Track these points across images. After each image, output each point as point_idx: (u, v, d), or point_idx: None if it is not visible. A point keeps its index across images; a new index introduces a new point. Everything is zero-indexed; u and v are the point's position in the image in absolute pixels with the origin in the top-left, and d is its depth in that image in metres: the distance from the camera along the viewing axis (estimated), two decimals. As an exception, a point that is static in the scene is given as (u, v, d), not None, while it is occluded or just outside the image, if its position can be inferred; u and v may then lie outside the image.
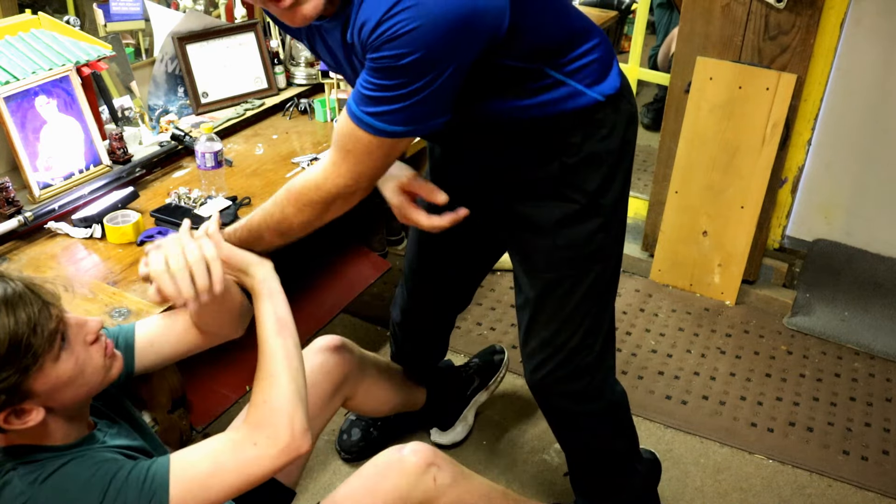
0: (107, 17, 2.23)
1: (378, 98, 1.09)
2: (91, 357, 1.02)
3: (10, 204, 1.76)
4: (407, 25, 1.00)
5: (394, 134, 1.12)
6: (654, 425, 2.09)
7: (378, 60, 1.05)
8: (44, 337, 0.93)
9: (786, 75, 2.25)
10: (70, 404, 1.01)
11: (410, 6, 1.00)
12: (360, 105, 1.12)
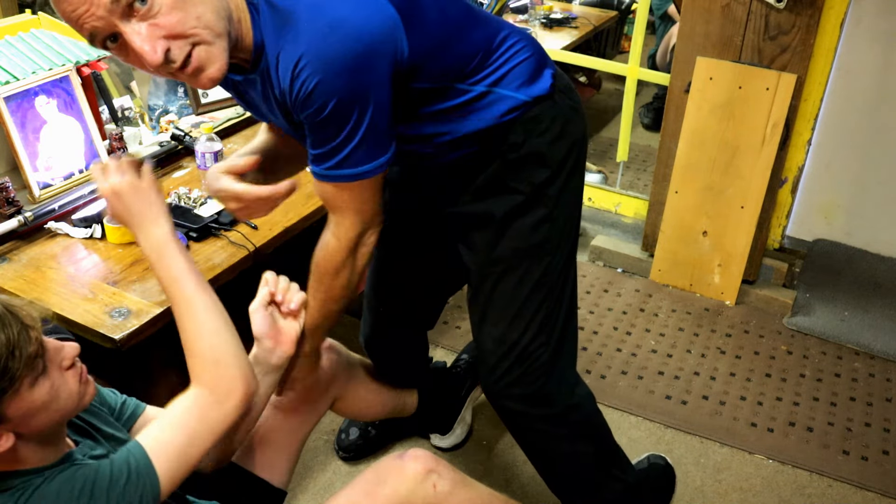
0: (107, 17, 2.23)
1: (330, 150, 1.14)
2: (66, 382, 0.99)
3: (10, 204, 1.76)
4: (311, 81, 1.06)
5: (364, 174, 1.17)
6: (654, 425, 2.09)
7: (307, 119, 1.11)
8: (22, 360, 0.90)
9: (786, 75, 2.25)
10: (42, 430, 0.98)
11: (305, 64, 1.06)
12: (320, 165, 1.17)
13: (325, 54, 1.05)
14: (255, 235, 1.84)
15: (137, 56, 1.03)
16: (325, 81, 1.06)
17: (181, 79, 1.08)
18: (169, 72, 1.05)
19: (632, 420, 2.10)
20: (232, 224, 1.86)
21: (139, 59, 1.04)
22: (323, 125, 1.11)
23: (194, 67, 1.04)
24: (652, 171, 2.68)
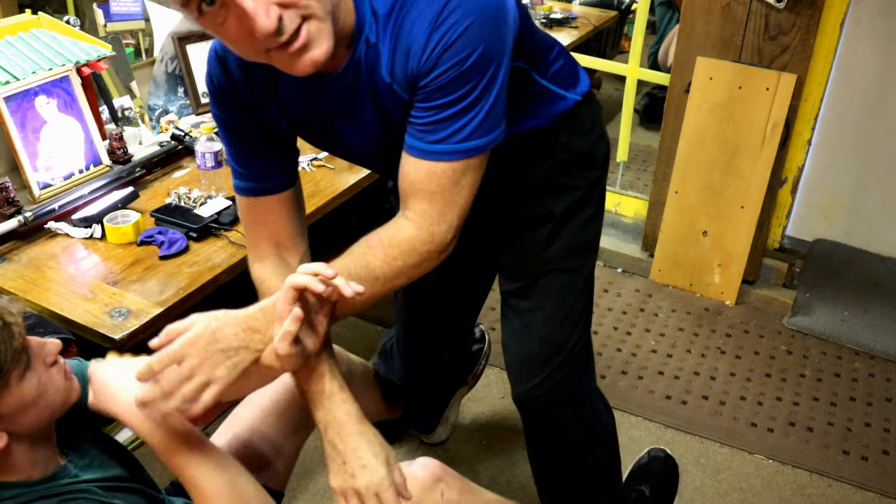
0: (107, 17, 2.23)
1: (447, 118, 1.03)
2: (52, 378, 1.00)
3: (10, 204, 1.76)
4: (459, 26, 0.98)
5: (479, 148, 1.06)
6: (654, 425, 2.09)
7: (440, 77, 1.01)
8: (8, 354, 0.92)
9: (786, 75, 2.25)
10: (33, 429, 0.98)
11: (455, 8, 0.98)
12: (425, 140, 1.05)
13: (474, 1, 0.98)
14: (255, 235, 1.83)
15: (239, 23, 0.92)
16: (474, 27, 0.98)
17: (277, 60, 0.96)
18: (268, 48, 0.94)
19: (632, 420, 2.10)
20: (232, 224, 1.86)
21: (240, 27, 0.92)
22: (457, 81, 1.01)
23: (302, 43, 0.93)
24: (652, 171, 2.68)
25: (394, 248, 1.10)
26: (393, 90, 1.06)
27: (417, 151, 1.06)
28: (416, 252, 1.10)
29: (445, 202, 1.08)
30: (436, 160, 1.06)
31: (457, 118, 1.03)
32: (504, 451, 2.00)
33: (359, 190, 2.12)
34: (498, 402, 2.14)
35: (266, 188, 1.21)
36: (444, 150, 1.05)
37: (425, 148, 1.05)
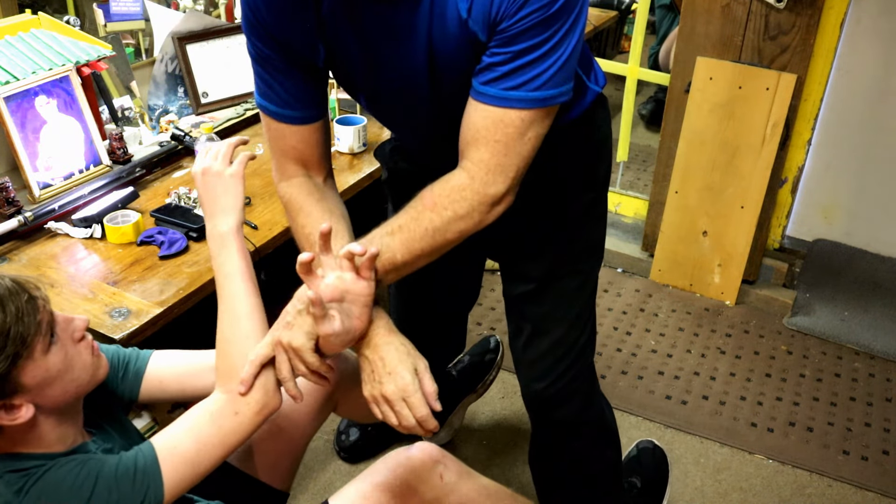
0: (107, 17, 2.23)
1: (526, 64, 0.98)
2: (79, 353, 1.03)
3: (10, 204, 1.76)
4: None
5: (552, 98, 1.01)
6: (654, 425, 2.09)
7: (525, 19, 0.96)
8: (32, 326, 0.95)
9: (786, 75, 2.25)
10: (60, 402, 1.02)
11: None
12: (499, 86, 1.00)
13: None
14: (255, 235, 1.84)
15: None
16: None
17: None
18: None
19: (632, 420, 2.10)
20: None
21: None
22: (541, 25, 0.96)
23: None
24: (652, 171, 2.68)
25: (444, 196, 1.06)
26: (467, 27, 1.00)
27: (488, 98, 1.02)
28: (466, 201, 1.06)
29: (507, 152, 1.03)
30: (507, 107, 1.01)
31: (535, 64, 0.99)
32: (504, 451, 2.00)
33: (359, 190, 2.12)
34: (498, 402, 2.14)
35: (297, 118, 1.20)
36: (517, 98, 1.00)
37: (498, 94, 1.01)
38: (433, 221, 1.07)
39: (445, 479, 1.26)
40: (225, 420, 1.07)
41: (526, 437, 2.03)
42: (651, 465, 1.88)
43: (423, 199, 1.09)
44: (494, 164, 1.04)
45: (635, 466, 1.86)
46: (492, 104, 1.02)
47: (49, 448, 1.02)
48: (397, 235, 1.09)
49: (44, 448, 1.01)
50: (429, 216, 1.07)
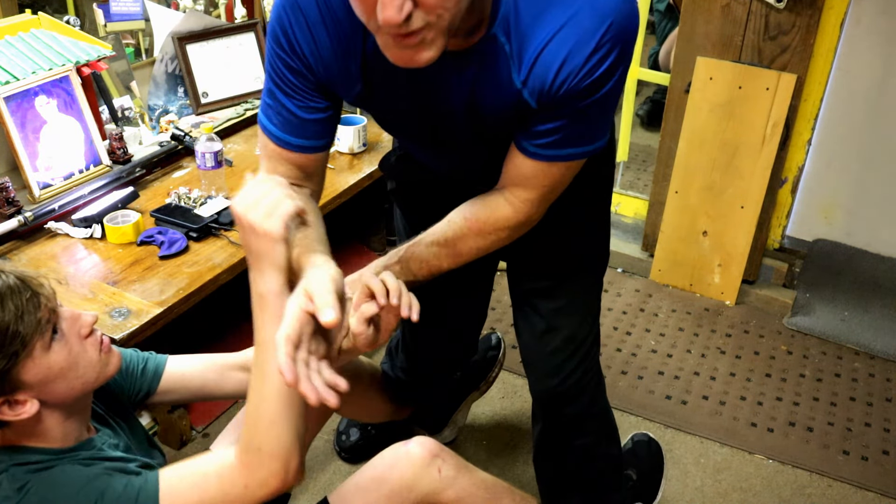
0: (107, 17, 2.23)
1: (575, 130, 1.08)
2: (85, 350, 1.02)
3: (10, 204, 1.76)
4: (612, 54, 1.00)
5: (593, 150, 1.12)
6: (654, 425, 2.09)
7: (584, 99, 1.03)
8: (31, 325, 0.95)
9: (786, 75, 2.25)
10: (65, 399, 1.01)
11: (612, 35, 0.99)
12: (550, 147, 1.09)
13: (627, 23, 1.00)
14: (255, 235, 1.83)
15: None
16: (622, 53, 1.01)
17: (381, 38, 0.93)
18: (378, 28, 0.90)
19: (632, 420, 2.10)
20: (232, 224, 1.86)
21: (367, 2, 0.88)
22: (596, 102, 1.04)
23: (414, 43, 0.91)
24: (652, 171, 2.68)
25: (489, 224, 1.18)
26: (520, 95, 1.05)
27: (538, 156, 1.11)
28: (508, 230, 1.19)
29: (550, 193, 1.16)
30: (554, 162, 1.11)
31: (587, 128, 1.08)
32: (504, 451, 2.00)
33: (359, 190, 2.12)
34: (498, 402, 2.14)
35: (298, 146, 1.16)
36: (567, 154, 1.10)
37: (548, 153, 1.10)
38: (477, 242, 1.20)
39: (444, 474, 1.27)
40: (232, 489, 1.03)
41: (526, 436, 2.03)
42: (646, 457, 1.89)
43: (469, 222, 1.19)
44: (538, 202, 1.16)
45: (630, 459, 1.87)
46: (541, 160, 1.11)
47: (54, 443, 1.01)
48: (444, 249, 1.21)
49: (49, 442, 1.01)
50: (474, 238, 1.20)
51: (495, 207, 1.18)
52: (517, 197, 1.16)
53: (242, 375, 1.28)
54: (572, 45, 0.99)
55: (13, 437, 1.00)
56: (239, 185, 2.08)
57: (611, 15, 0.98)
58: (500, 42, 1.02)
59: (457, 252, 1.21)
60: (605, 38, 0.99)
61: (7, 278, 0.96)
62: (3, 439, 1.00)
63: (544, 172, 1.13)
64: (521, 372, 2.21)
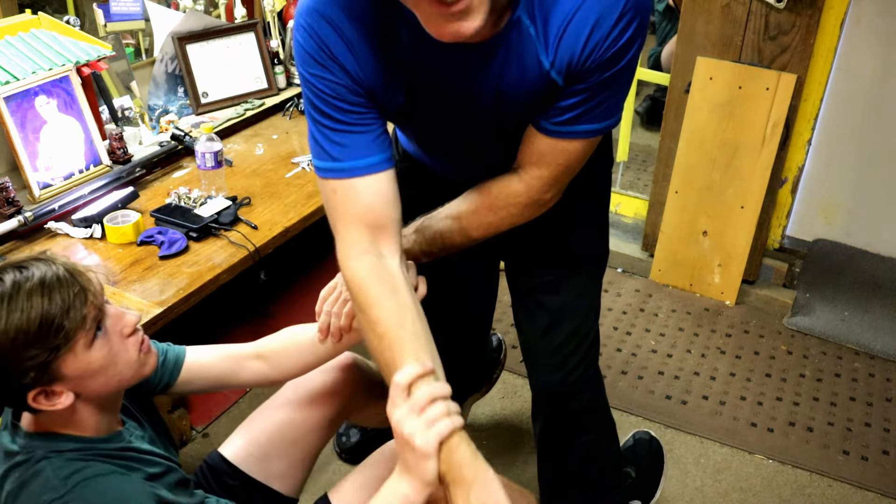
0: (107, 17, 2.23)
1: (599, 103, 1.08)
2: (126, 349, 1.03)
3: (10, 204, 1.76)
4: (634, 23, 1.01)
5: (610, 126, 1.12)
6: (654, 425, 2.09)
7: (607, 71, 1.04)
8: (76, 320, 0.95)
9: (786, 75, 2.25)
10: (100, 394, 1.02)
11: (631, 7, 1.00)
12: (568, 123, 1.09)
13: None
14: (255, 235, 1.84)
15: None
16: (641, 24, 1.02)
17: (423, 9, 0.90)
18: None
19: (632, 420, 2.10)
20: (232, 224, 1.86)
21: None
22: (617, 74, 1.05)
23: (461, 9, 0.88)
24: (652, 171, 2.68)
25: (501, 199, 1.18)
26: (548, 76, 1.06)
27: (557, 133, 1.10)
28: (520, 205, 1.19)
29: (565, 172, 1.15)
30: (573, 139, 1.11)
31: (604, 102, 1.08)
32: (504, 451, 2.00)
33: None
34: (498, 402, 2.14)
35: (374, 164, 1.09)
36: (584, 130, 1.10)
37: (566, 130, 1.10)
38: (488, 217, 1.21)
39: None
40: None
41: (526, 436, 2.03)
42: (647, 455, 1.89)
43: (482, 198, 1.20)
44: (552, 180, 1.16)
45: (630, 456, 1.87)
46: (559, 137, 1.11)
47: (87, 432, 1.02)
48: (456, 223, 1.23)
49: (82, 432, 1.02)
50: (485, 213, 1.21)
51: (508, 183, 1.18)
52: (530, 174, 1.16)
53: (258, 365, 1.29)
54: (597, 17, 1.00)
55: (47, 423, 1.01)
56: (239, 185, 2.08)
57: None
58: (525, 24, 1.02)
59: (468, 225, 1.22)
60: (627, 7, 1.00)
61: (57, 269, 0.97)
62: (38, 425, 1.01)
63: (560, 149, 1.12)
64: (521, 372, 2.21)
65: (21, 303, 0.93)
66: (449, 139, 1.27)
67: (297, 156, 2.21)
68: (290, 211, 1.95)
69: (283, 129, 2.39)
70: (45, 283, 0.94)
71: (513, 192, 1.18)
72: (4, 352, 0.92)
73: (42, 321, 0.93)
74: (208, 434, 1.96)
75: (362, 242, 1.10)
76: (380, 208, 1.10)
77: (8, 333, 0.92)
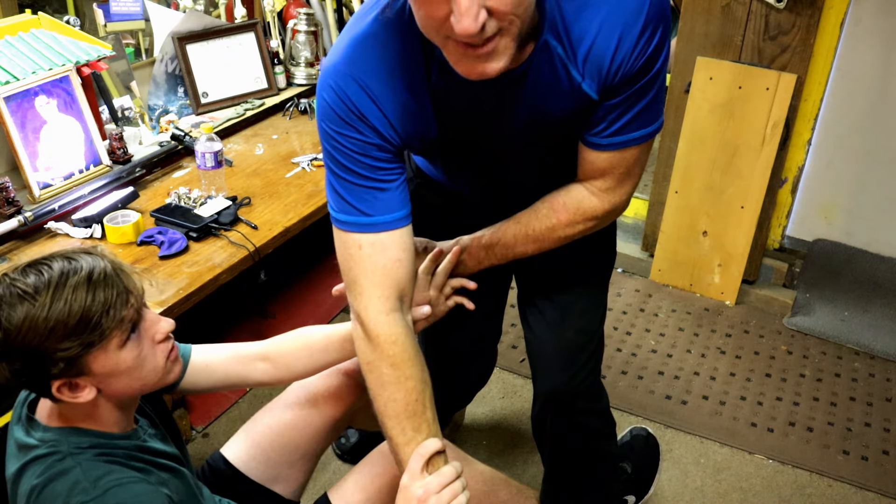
0: (107, 17, 2.23)
1: (640, 111, 1.10)
2: (154, 355, 1.04)
3: (10, 204, 1.76)
4: (658, 31, 1.03)
5: (660, 127, 1.15)
6: (654, 425, 2.09)
7: (642, 78, 1.06)
8: (115, 320, 0.96)
9: (786, 75, 2.25)
10: (122, 394, 1.03)
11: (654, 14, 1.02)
12: (617, 134, 1.11)
13: (663, 1, 1.04)
14: (255, 235, 1.84)
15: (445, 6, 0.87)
16: (666, 29, 1.05)
17: (451, 51, 0.93)
18: (450, 37, 0.91)
19: (632, 420, 2.10)
20: (232, 224, 1.86)
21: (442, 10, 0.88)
22: (652, 79, 1.08)
23: (487, 52, 0.91)
24: (652, 171, 2.68)
25: (578, 214, 1.21)
26: (581, 90, 1.08)
27: (609, 146, 1.13)
28: (596, 219, 1.22)
29: (629, 176, 1.18)
30: (626, 147, 1.13)
31: (647, 106, 1.10)
32: (504, 451, 2.00)
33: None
34: (498, 402, 2.14)
35: (400, 218, 1.10)
36: (635, 138, 1.12)
37: (617, 140, 1.12)
38: (566, 231, 1.24)
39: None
40: None
41: (525, 436, 2.03)
42: (643, 451, 1.90)
43: (557, 212, 1.22)
44: (619, 187, 1.19)
45: (627, 452, 1.88)
46: (613, 150, 1.13)
47: (107, 427, 1.03)
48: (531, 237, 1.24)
49: (102, 427, 1.03)
50: (563, 229, 1.23)
51: (582, 198, 1.21)
52: (599, 187, 1.19)
53: (265, 366, 1.29)
54: (622, 29, 1.02)
55: (68, 416, 1.02)
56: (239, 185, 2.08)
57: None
58: (552, 46, 1.04)
59: (543, 239, 1.24)
60: (650, 16, 1.02)
61: (105, 265, 0.97)
62: (59, 419, 1.02)
63: (618, 160, 1.15)
64: (520, 372, 2.21)
65: (66, 294, 0.93)
66: (478, 161, 1.27)
67: (297, 156, 2.21)
68: (289, 211, 1.95)
69: (283, 129, 2.39)
70: (92, 279, 0.95)
71: (590, 207, 1.21)
72: (41, 339, 0.93)
73: (82, 316, 0.94)
74: (208, 434, 1.96)
75: (391, 299, 1.11)
76: (406, 262, 1.12)
77: (48, 322, 0.92)
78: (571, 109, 1.10)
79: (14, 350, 0.93)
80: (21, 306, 0.93)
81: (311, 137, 2.34)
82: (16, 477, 1.00)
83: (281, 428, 1.36)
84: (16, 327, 0.92)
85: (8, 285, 0.95)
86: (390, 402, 1.11)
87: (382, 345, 1.11)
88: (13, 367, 0.95)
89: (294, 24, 2.56)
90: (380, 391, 1.12)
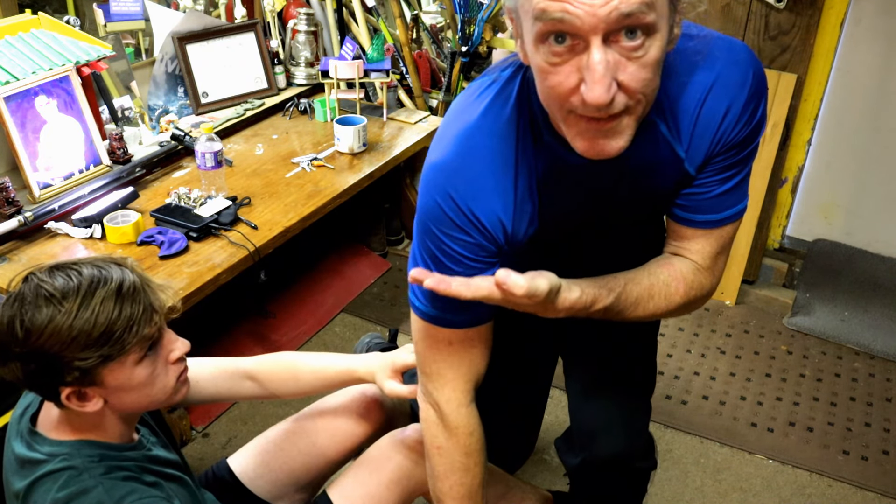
0: (107, 17, 2.23)
1: (736, 185, 1.08)
2: (167, 374, 1.03)
3: (10, 204, 1.76)
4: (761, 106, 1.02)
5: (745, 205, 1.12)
6: (654, 425, 2.09)
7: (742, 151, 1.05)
8: (135, 337, 0.95)
9: (786, 75, 2.25)
10: (128, 409, 1.03)
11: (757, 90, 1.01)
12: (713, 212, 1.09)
13: (762, 70, 1.02)
14: (255, 235, 1.84)
15: (574, 75, 0.85)
16: (765, 104, 1.04)
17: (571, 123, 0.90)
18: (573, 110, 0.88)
19: (632, 420, 2.10)
20: (232, 224, 1.86)
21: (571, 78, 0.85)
22: (750, 153, 1.07)
23: (610, 127, 0.89)
24: (652, 171, 2.68)
25: (694, 290, 1.14)
26: (681, 166, 1.05)
27: (706, 224, 1.10)
28: (704, 298, 1.16)
29: (726, 255, 1.15)
30: (725, 224, 1.11)
31: (740, 183, 1.09)
32: (504, 451, 1.99)
33: (359, 190, 2.12)
34: (498, 402, 2.14)
35: (478, 317, 1.09)
36: (733, 213, 1.10)
37: (715, 219, 1.10)
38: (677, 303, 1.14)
39: None
40: None
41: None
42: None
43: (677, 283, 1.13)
44: (723, 266, 1.15)
45: None
46: (711, 227, 1.11)
47: (112, 439, 1.03)
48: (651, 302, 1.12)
49: (108, 438, 1.03)
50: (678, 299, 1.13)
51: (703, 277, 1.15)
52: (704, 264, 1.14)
53: (251, 384, 1.29)
54: (727, 104, 1.01)
55: (75, 427, 1.01)
56: (239, 185, 2.08)
57: (751, 65, 1.01)
58: (657, 124, 1.01)
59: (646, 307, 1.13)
60: (753, 88, 1.01)
61: (134, 280, 0.97)
62: (66, 431, 1.01)
63: (715, 237, 1.12)
64: (521, 372, 2.21)
65: (94, 304, 0.93)
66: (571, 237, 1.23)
67: (297, 156, 2.21)
68: (289, 211, 1.95)
69: (283, 129, 2.39)
70: (121, 292, 0.95)
71: (705, 285, 1.14)
72: (61, 346, 0.92)
73: (106, 329, 0.93)
74: (208, 434, 1.96)
75: (471, 391, 1.14)
76: (487, 355, 1.13)
77: (72, 330, 0.92)
78: (668, 184, 1.08)
79: (32, 352, 0.93)
80: (46, 309, 0.92)
81: (310, 137, 2.34)
82: (26, 492, 0.99)
83: (294, 454, 1.35)
84: (38, 329, 0.92)
85: (35, 286, 0.94)
86: (457, 486, 1.16)
87: (460, 436, 1.14)
88: (28, 367, 0.94)
89: (294, 24, 2.56)
90: (448, 475, 1.16)
